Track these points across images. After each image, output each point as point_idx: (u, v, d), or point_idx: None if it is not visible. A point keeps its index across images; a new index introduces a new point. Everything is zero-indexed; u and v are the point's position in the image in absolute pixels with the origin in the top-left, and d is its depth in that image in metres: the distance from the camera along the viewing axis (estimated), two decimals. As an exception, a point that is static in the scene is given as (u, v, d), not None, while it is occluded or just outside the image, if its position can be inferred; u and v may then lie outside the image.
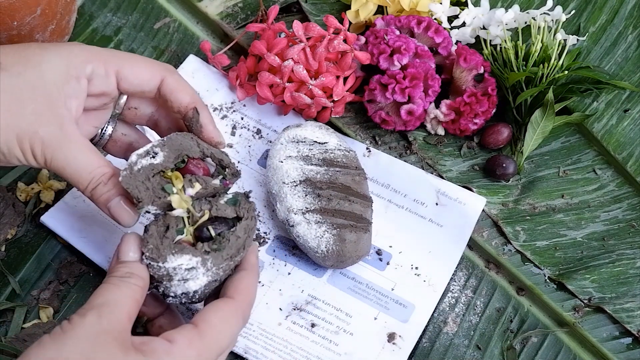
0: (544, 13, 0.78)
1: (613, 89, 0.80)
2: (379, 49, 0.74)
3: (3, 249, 0.69)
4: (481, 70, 0.75)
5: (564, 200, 0.76)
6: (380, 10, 0.82)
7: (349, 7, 0.81)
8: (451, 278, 0.70)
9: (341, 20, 0.77)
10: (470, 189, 0.74)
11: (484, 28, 0.80)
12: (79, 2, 0.81)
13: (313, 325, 0.66)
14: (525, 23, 0.80)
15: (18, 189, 0.71)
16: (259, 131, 0.76)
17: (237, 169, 0.58)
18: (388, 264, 0.70)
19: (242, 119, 0.77)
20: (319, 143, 0.69)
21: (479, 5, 0.80)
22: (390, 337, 0.66)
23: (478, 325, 0.69)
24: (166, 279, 0.53)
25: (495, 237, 0.73)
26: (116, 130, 0.61)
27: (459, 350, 0.68)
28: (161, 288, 0.54)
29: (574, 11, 0.83)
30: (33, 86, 0.52)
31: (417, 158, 0.76)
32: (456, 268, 0.71)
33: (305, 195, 0.66)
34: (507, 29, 0.79)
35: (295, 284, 0.68)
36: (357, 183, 0.68)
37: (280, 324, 0.66)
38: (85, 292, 0.67)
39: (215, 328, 0.50)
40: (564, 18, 0.78)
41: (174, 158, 0.54)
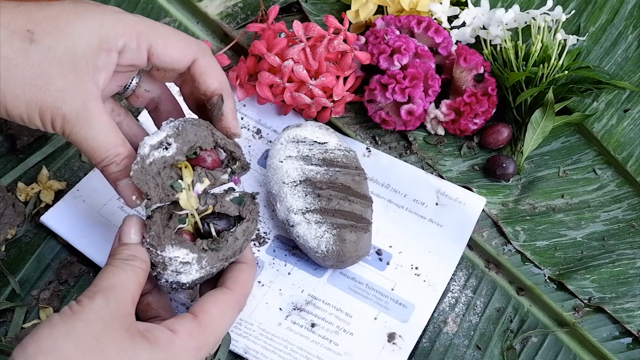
0: (544, 13, 0.78)
1: (613, 89, 0.80)
2: (379, 49, 0.74)
3: (3, 249, 0.69)
4: (481, 70, 0.75)
5: (564, 200, 0.76)
6: (380, 10, 0.82)
7: (349, 7, 0.81)
8: (451, 278, 0.70)
9: (341, 20, 0.77)
10: (470, 189, 0.74)
11: (484, 28, 0.80)
12: (79, 2, 0.81)
13: (313, 325, 0.66)
14: (525, 23, 0.80)
15: (18, 189, 0.71)
16: (259, 131, 0.76)
17: (247, 162, 0.59)
18: (388, 264, 0.70)
19: (242, 119, 0.77)
20: (319, 143, 0.69)
21: (479, 5, 0.80)
22: (390, 337, 0.66)
23: (478, 325, 0.69)
24: (160, 266, 0.54)
25: (495, 237, 0.73)
26: (139, 86, 0.61)
27: (459, 350, 0.68)
28: (154, 272, 0.55)
29: (574, 11, 0.83)
30: (62, 61, 0.51)
31: (417, 158, 0.76)
32: (456, 268, 0.71)
33: (305, 195, 0.66)
34: (507, 29, 0.79)
35: (295, 284, 0.68)
36: (357, 183, 0.68)
37: (280, 324, 0.66)
38: (85, 292, 0.67)
39: (214, 320, 0.53)
40: (564, 18, 0.78)
41: (187, 149, 0.54)
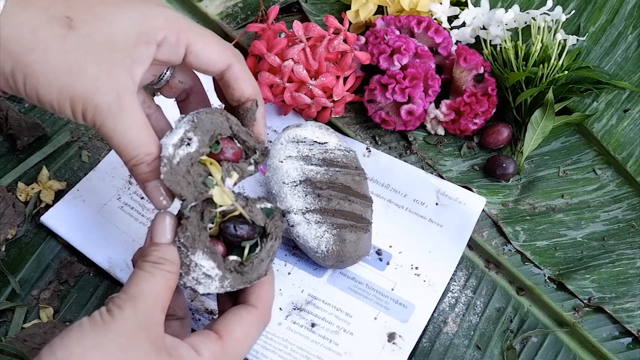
0: (544, 13, 0.78)
1: (613, 89, 0.80)
2: (379, 49, 0.74)
3: (3, 249, 0.69)
4: (481, 70, 0.75)
5: (564, 200, 0.76)
6: (380, 10, 0.82)
7: (349, 7, 0.81)
8: (451, 278, 0.70)
9: (341, 20, 0.77)
10: (470, 189, 0.74)
11: (484, 28, 0.80)
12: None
13: (313, 325, 0.66)
14: (525, 23, 0.80)
15: (18, 189, 0.71)
16: (259, 131, 0.76)
17: (266, 147, 0.57)
18: (388, 264, 0.70)
19: (242, 119, 0.76)
20: (319, 143, 0.69)
21: (479, 5, 0.80)
22: (390, 337, 0.66)
23: (478, 325, 0.69)
24: (184, 268, 0.52)
25: (495, 237, 0.73)
26: (173, 77, 0.60)
27: (459, 350, 0.68)
28: None
29: (574, 11, 0.83)
30: (99, 50, 0.50)
31: (417, 158, 0.76)
32: (456, 268, 0.71)
33: (305, 195, 0.66)
34: (507, 29, 0.79)
35: (295, 283, 0.68)
36: (357, 183, 0.68)
37: (280, 324, 0.66)
38: (85, 292, 0.67)
39: (239, 342, 0.52)
40: (563, 18, 0.78)
41: (208, 140, 0.53)
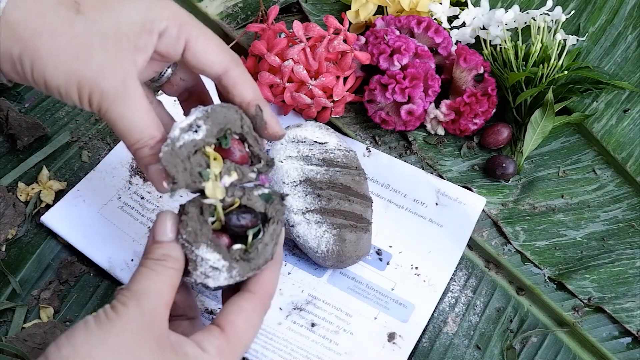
0: (544, 13, 0.78)
1: (613, 89, 0.80)
2: (379, 49, 0.74)
3: (3, 249, 0.69)
4: (481, 70, 0.75)
5: (563, 200, 0.76)
6: (380, 10, 0.82)
7: (349, 7, 0.81)
8: (451, 278, 0.70)
9: (341, 20, 0.77)
10: (470, 189, 0.74)
11: (484, 28, 0.80)
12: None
13: (313, 325, 0.66)
14: (525, 23, 0.80)
15: (18, 189, 0.71)
16: (259, 131, 0.76)
17: (271, 158, 0.57)
18: (388, 264, 0.70)
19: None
20: (319, 143, 0.69)
21: (479, 6, 0.80)
22: (390, 337, 0.66)
23: (478, 325, 0.69)
24: (192, 265, 0.52)
25: (495, 237, 0.73)
26: (175, 75, 0.60)
27: (459, 350, 0.68)
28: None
29: (573, 11, 0.83)
30: (105, 35, 0.51)
31: (417, 158, 0.76)
32: (456, 268, 0.71)
33: (305, 195, 0.66)
34: (507, 29, 0.79)
35: (295, 283, 0.68)
36: (357, 183, 0.68)
37: (280, 324, 0.66)
38: (85, 292, 0.67)
39: (241, 332, 0.52)
40: (563, 18, 0.78)
41: (217, 132, 0.53)
